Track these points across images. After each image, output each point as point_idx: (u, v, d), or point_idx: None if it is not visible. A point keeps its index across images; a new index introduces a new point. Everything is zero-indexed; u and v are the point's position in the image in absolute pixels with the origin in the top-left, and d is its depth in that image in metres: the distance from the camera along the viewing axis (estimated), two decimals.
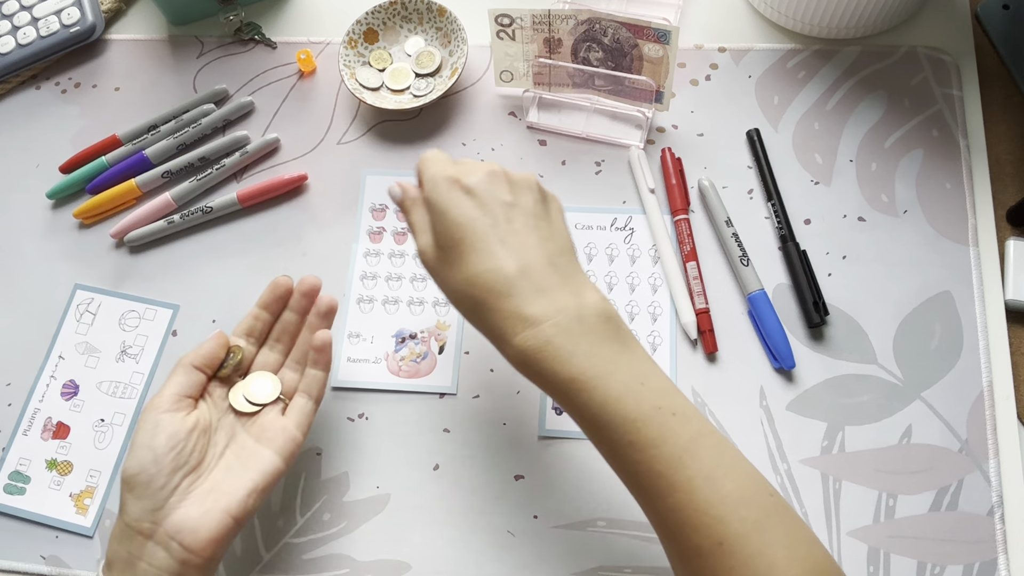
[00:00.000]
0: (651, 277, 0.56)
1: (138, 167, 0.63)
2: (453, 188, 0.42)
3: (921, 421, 0.51)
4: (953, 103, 0.59)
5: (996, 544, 0.48)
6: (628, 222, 0.57)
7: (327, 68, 0.65)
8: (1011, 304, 0.53)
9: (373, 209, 0.60)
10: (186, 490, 0.44)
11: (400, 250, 0.58)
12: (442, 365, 0.55)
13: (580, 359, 0.38)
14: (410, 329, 0.56)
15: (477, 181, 0.42)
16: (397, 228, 0.59)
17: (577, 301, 0.40)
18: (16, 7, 0.69)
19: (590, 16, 0.55)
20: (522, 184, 0.43)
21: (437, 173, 0.43)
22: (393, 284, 0.58)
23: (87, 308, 0.59)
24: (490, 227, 0.40)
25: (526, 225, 0.41)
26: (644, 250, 0.57)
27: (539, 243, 0.41)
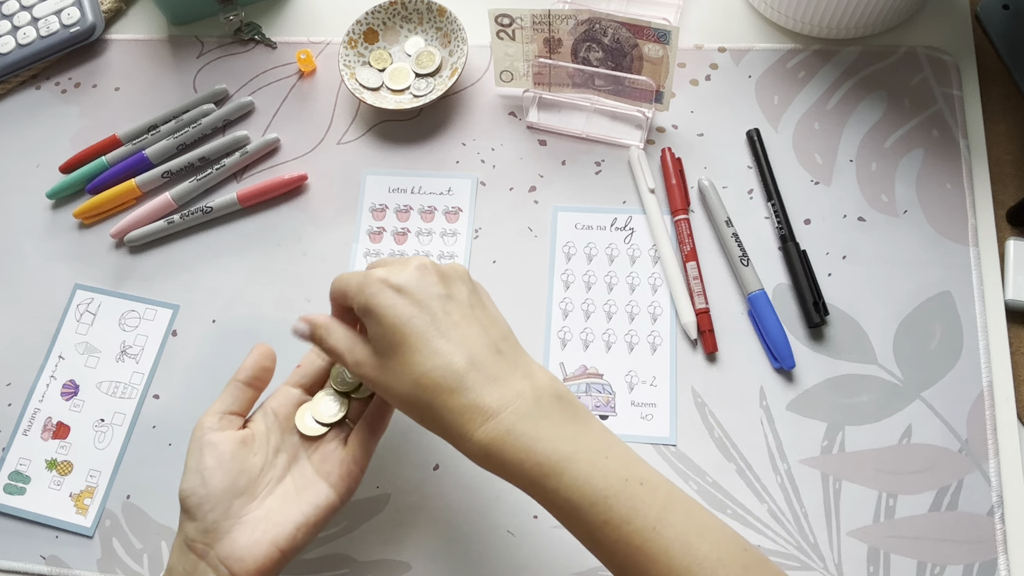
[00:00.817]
0: (651, 277, 0.56)
1: (138, 167, 0.63)
2: (384, 290, 0.40)
3: (921, 421, 0.51)
4: (953, 103, 0.59)
5: (996, 544, 0.48)
6: (628, 222, 0.58)
7: (327, 68, 0.65)
8: (1011, 304, 0.53)
9: (373, 209, 0.60)
10: (239, 514, 0.42)
11: (400, 250, 0.58)
12: None
13: (544, 443, 0.38)
14: None
15: (407, 278, 0.41)
16: (397, 228, 0.59)
17: (531, 384, 0.39)
18: (16, 7, 0.69)
19: (590, 16, 0.55)
20: (452, 275, 0.42)
21: (365, 278, 0.41)
22: None
23: (87, 308, 0.59)
24: (429, 323, 0.40)
25: (465, 316, 0.41)
26: (644, 250, 0.57)
27: (481, 332, 0.40)
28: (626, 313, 0.55)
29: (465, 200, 0.59)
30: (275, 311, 0.58)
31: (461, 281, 0.42)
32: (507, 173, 0.60)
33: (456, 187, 0.60)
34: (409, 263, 0.42)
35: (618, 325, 0.55)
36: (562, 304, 0.56)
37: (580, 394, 0.53)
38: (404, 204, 0.60)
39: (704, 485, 0.51)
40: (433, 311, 0.40)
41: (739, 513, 0.50)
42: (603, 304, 0.56)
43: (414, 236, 0.59)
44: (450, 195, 0.60)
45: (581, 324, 0.55)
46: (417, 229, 0.59)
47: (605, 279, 0.56)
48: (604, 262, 0.57)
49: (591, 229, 0.58)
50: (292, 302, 0.58)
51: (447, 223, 0.59)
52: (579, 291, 0.56)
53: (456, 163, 0.61)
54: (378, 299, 0.40)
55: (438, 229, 0.59)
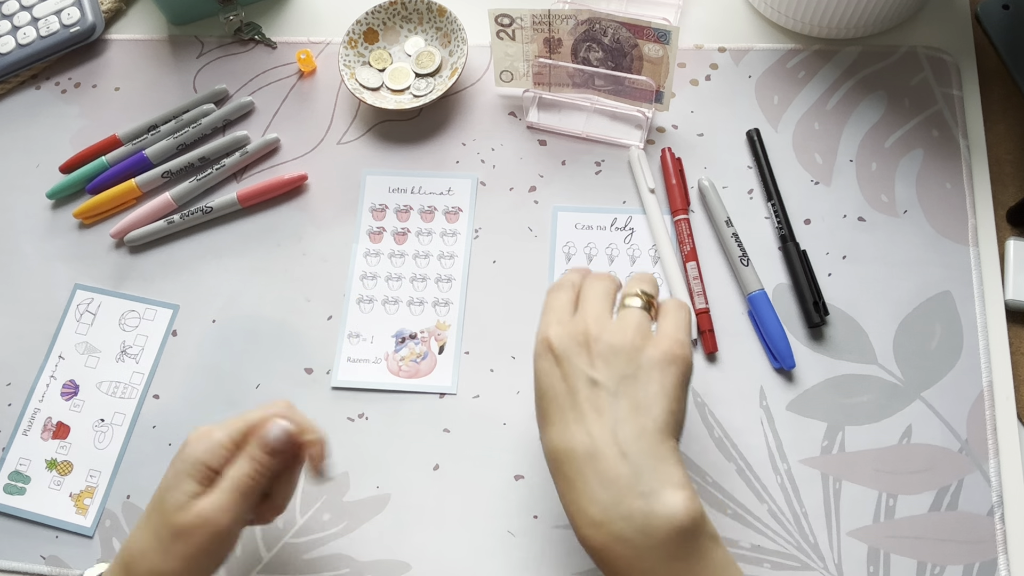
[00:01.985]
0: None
1: (138, 167, 0.63)
2: (546, 353, 0.41)
3: (921, 421, 0.51)
4: (953, 103, 0.59)
5: (996, 544, 0.48)
6: (628, 222, 0.58)
7: (327, 68, 0.65)
8: (1011, 304, 0.53)
9: (373, 209, 0.60)
10: None
11: (400, 250, 0.58)
12: (442, 365, 0.55)
13: (639, 573, 0.36)
14: (410, 329, 0.56)
15: (566, 348, 0.40)
16: (397, 228, 0.59)
17: (646, 508, 0.36)
18: (16, 7, 0.69)
19: (590, 16, 0.56)
20: (617, 352, 0.40)
21: (539, 331, 0.42)
22: (393, 284, 0.58)
23: (87, 308, 0.59)
24: (569, 403, 0.39)
25: (604, 405, 0.39)
26: (644, 250, 0.57)
27: (614, 426, 0.38)
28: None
29: (465, 200, 0.59)
30: (275, 311, 0.58)
31: (620, 357, 0.40)
32: (507, 173, 0.60)
33: (456, 187, 0.60)
34: (582, 325, 0.41)
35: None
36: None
37: None
38: (404, 204, 0.60)
39: (704, 485, 0.51)
40: (576, 391, 0.39)
41: (739, 513, 0.50)
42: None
43: (414, 236, 0.59)
44: (450, 195, 0.60)
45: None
46: (417, 229, 0.59)
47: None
48: (604, 262, 0.57)
49: (591, 229, 0.58)
50: (292, 302, 0.58)
51: (447, 223, 0.59)
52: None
53: (456, 163, 0.61)
54: (538, 363, 0.41)
55: (438, 229, 0.59)
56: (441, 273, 0.57)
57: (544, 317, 0.43)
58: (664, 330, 0.41)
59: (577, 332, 0.41)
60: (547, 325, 0.42)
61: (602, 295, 0.43)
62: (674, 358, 0.40)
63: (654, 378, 0.39)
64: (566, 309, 0.43)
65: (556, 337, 0.41)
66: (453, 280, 0.57)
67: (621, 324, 0.41)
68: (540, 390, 0.41)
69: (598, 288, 0.43)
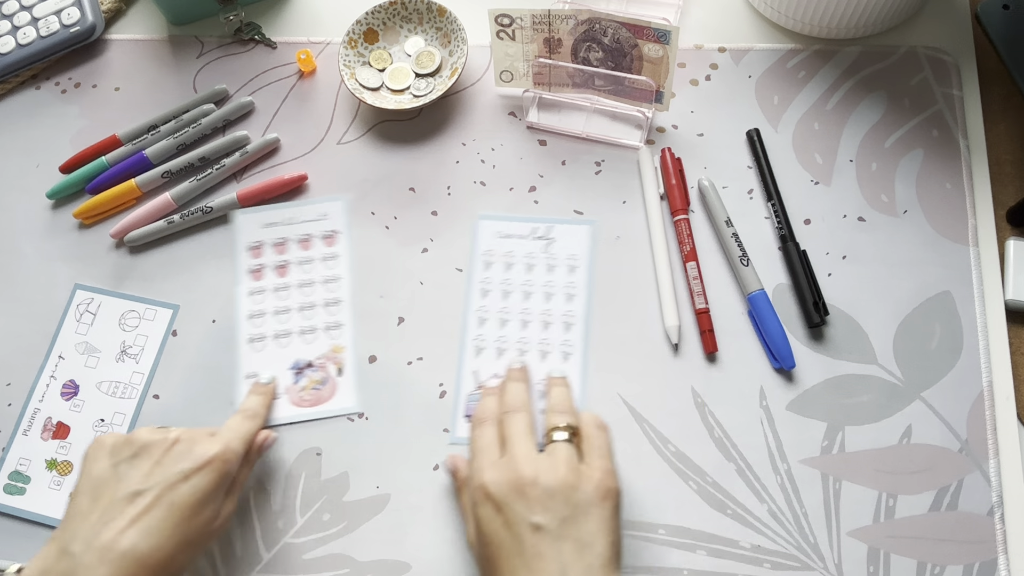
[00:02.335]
0: (567, 286, 0.56)
1: (138, 167, 0.63)
2: (486, 502, 0.42)
3: (921, 421, 0.51)
4: (953, 103, 0.59)
5: (996, 544, 0.48)
6: (548, 231, 0.58)
7: (327, 68, 0.65)
8: (1011, 304, 0.53)
9: (250, 247, 0.59)
10: None
11: (283, 283, 0.58)
12: (343, 387, 0.55)
13: None
14: (306, 358, 0.56)
15: (505, 497, 0.42)
16: (276, 261, 0.59)
17: None
18: (16, 7, 0.69)
19: (590, 16, 0.56)
20: (554, 496, 0.41)
21: (473, 476, 0.44)
22: (282, 317, 0.57)
23: (87, 308, 0.59)
24: (514, 548, 0.41)
25: (549, 549, 0.40)
26: (562, 260, 0.57)
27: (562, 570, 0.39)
28: (540, 322, 0.55)
29: (340, 222, 0.59)
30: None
31: (559, 502, 0.41)
32: (507, 173, 0.60)
33: (329, 211, 0.60)
34: (511, 474, 0.42)
35: (532, 334, 0.55)
36: (478, 312, 0.56)
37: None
38: (280, 237, 0.59)
39: (704, 485, 0.51)
40: (520, 538, 0.41)
41: (739, 513, 0.50)
42: (519, 313, 0.56)
43: (296, 266, 0.58)
44: (325, 219, 0.59)
45: (496, 332, 0.55)
46: (298, 259, 0.59)
47: (522, 287, 0.57)
48: (522, 271, 0.57)
49: (511, 238, 0.58)
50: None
51: (326, 247, 0.59)
52: (495, 300, 0.56)
53: (456, 163, 0.61)
54: (478, 510, 0.43)
55: (318, 255, 0.59)
56: (328, 297, 0.57)
57: (475, 461, 0.45)
58: (592, 463, 0.44)
59: (511, 478, 0.42)
60: (480, 470, 0.44)
61: (525, 431, 0.45)
62: (607, 492, 0.42)
63: (593, 515, 0.41)
64: (494, 449, 0.45)
65: (493, 484, 0.43)
66: (341, 302, 0.57)
67: (552, 463, 0.43)
68: (484, 538, 0.42)
69: (519, 425, 0.46)
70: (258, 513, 0.52)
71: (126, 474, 0.43)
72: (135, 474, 0.43)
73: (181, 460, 0.44)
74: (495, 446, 0.46)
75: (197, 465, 0.44)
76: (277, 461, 0.54)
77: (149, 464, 0.44)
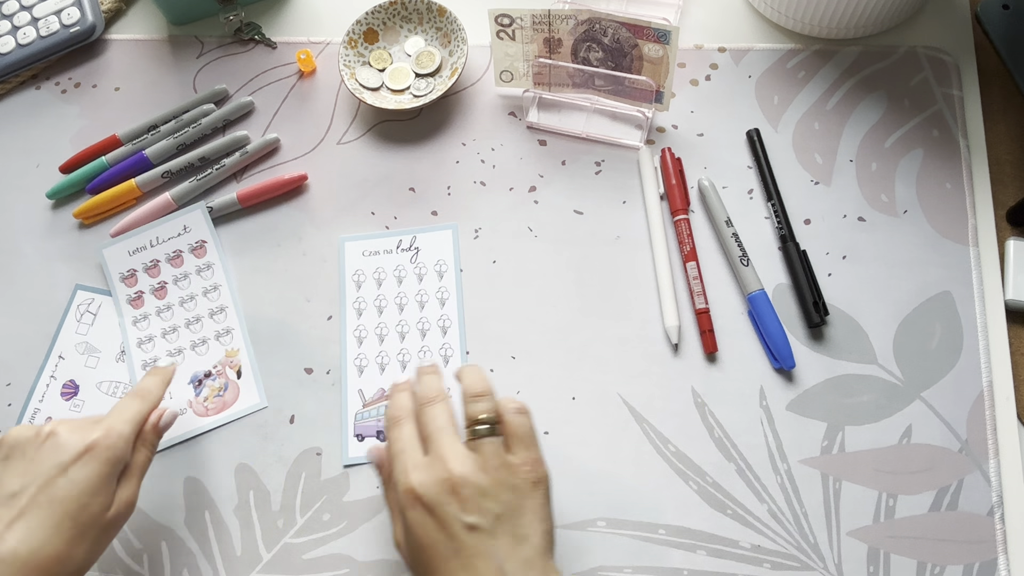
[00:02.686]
0: (438, 292, 0.57)
1: (138, 167, 0.63)
2: (415, 505, 0.41)
3: (921, 421, 0.51)
4: (953, 103, 0.59)
5: (996, 544, 0.48)
6: (412, 242, 0.58)
7: (327, 68, 0.65)
8: (1011, 304, 0.53)
9: (123, 278, 0.59)
10: None
11: (165, 303, 0.58)
12: (245, 387, 0.56)
13: None
14: (203, 369, 0.56)
15: (436, 498, 0.40)
16: (153, 285, 0.59)
17: None
18: (16, 7, 0.69)
19: (590, 16, 0.56)
20: (487, 492, 0.41)
21: (399, 479, 0.42)
22: (171, 337, 0.57)
23: (87, 308, 0.59)
24: (449, 549, 0.40)
25: (486, 545, 0.40)
26: (430, 267, 0.57)
27: (501, 564, 0.39)
28: (418, 330, 0.56)
29: (204, 231, 0.59)
30: (275, 311, 0.58)
31: (490, 500, 0.41)
32: (507, 173, 0.60)
33: (189, 222, 0.60)
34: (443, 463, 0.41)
35: (411, 344, 0.56)
36: (356, 332, 0.56)
37: (380, 417, 0.54)
38: (150, 260, 0.59)
39: (704, 485, 0.51)
40: (455, 537, 0.40)
41: (739, 513, 0.50)
42: (395, 325, 0.56)
43: (172, 284, 0.59)
44: (188, 232, 0.59)
45: (376, 348, 0.56)
46: (173, 276, 0.59)
47: (396, 300, 0.57)
48: (393, 284, 0.57)
49: (378, 254, 0.58)
50: (292, 302, 0.58)
51: (197, 259, 0.59)
52: (371, 317, 0.57)
53: (456, 163, 0.61)
54: (408, 513, 0.41)
55: (192, 268, 0.59)
56: (212, 307, 0.58)
57: (397, 462, 0.43)
58: (519, 454, 0.42)
59: (440, 478, 0.41)
60: (405, 472, 0.42)
61: (446, 425, 0.43)
62: (537, 480, 0.42)
63: (525, 507, 0.41)
64: (416, 448, 0.43)
65: (420, 486, 0.41)
66: (226, 308, 0.58)
67: (481, 459, 0.42)
68: (417, 542, 0.41)
69: (440, 419, 0.44)
70: (258, 513, 0.53)
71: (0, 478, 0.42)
72: (9, 476, 0.42)
73: (56, 453, 0.42)
74: (416, 445, 0.43)
75: (74, 455, 0.42)
76: (277, 461, 0.54)
77: (23, 463, 0.42)
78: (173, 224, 0.60)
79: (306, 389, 0.55)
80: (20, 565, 0.39)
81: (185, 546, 0.52)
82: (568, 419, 0.53)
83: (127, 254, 0.59)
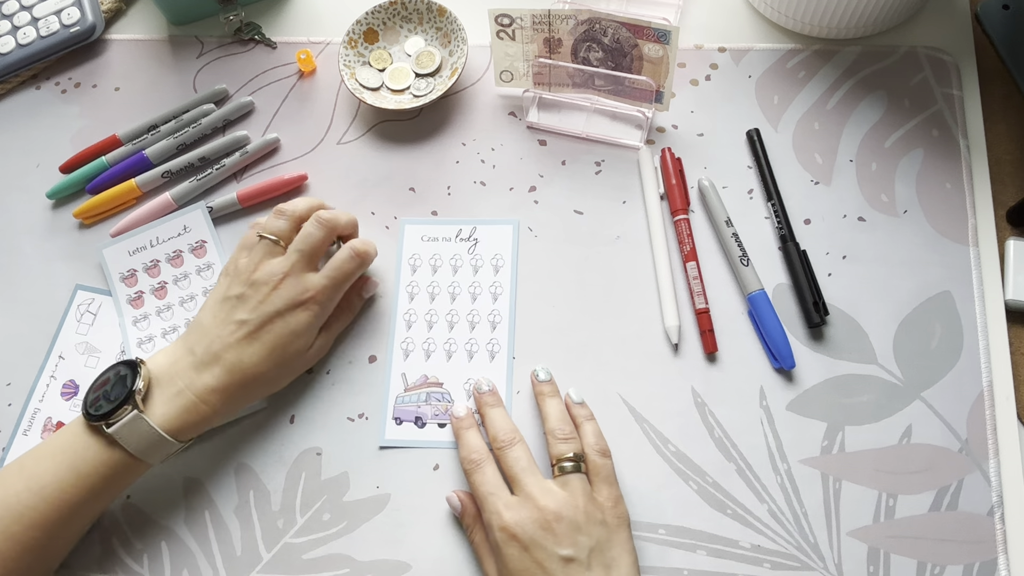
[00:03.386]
0: (492, 286, 0.57)
1: (138, 167, 0.63)
2: (511, 542, 0.44)
3: (921, 421, 0.51)
4: (953, 103, 0.59)
5: (996, 544, 0.48)
6: (472, 233, 0.58)
7: (327, 68, 0.65)
8: (1011, 304, 0.53)
9: (123, 278, 0.59)
10: None
11: (165, 303, 0.58)
12: None
13: None
14: None
15: (531, 534, 0.43)
16: (153, 285, 0.58)
17: None
18: (16, 7, 0.69)
19: (590, 16, 0.56)
20: (580, 527, 0.44)
21: (492, 520, 0.45)
22: (171, 337, 0.57)
23: (87, 308, 0.59)
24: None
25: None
26: (487, 260, 0.57)
27: None
28: (467, 322, 0.56)
29: (205, 231, 0.59)
30: None
31: (583, 534, 0.44)
32: (507, 173, 0.60)
33: (189, 222, 0.60)
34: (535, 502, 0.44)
35: (459, 334, 0.56)
36: (406, 315, 0.56)
37: (420, 403, 0.54)
38: (150, 260, 0.59)
39: (704, 485, 0.51)
40: (553, 573, 0.43)
41: (739, 513, 0.50)
42: (445, 314, 0.56)
43: (172, 284, 0.58)
44: (188, 232, 0.59)
45: (424, 334, 0.56)
46: (173, 277, 0.58)
47: (449, 289, 0.57)
48: (448, 272, 0.57)
49: (437, 240, 0.58)
50: None
51: (197, 259, 0.59)
52: (423, 302, 0.57)
53: (456, 163, 0.61)
54: (504, 551, 0.44)
55: (192, 268, 0.59)
56: None
57: (487, 504, 0.46)
58: (602, 492, 0.46)
59: (536, 516, 0.44)
60: (498, 513, 0.45)
61: (529, 466, 0.47)
62: (622, 518, 0.46)
63: (615, 541, 0.45)
64: (504, 488, 0.47)
65: (516, 524, 0.44)
66: None
67: (570, 496, 0.45)
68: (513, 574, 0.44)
69: (522, 460, 0.48)
70: (258, 513, 0.53)
71: (235, 307, 0.51)
72: (243, 308, 0.50)
73: (279, 300, 0.50)
74: (503, 485, 0.47)
75: (291, 305, 0.51)
76: (277, 461, 0.54)
77: (255, 302, 0.51)
78: (173, 224, 0.60)
79: (306, 389, 0.55)
80: (238, 370, 0.50)
81: (185, 546, 0.52)
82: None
83: (127, 254, 0.59)
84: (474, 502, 0.49)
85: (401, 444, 0.53)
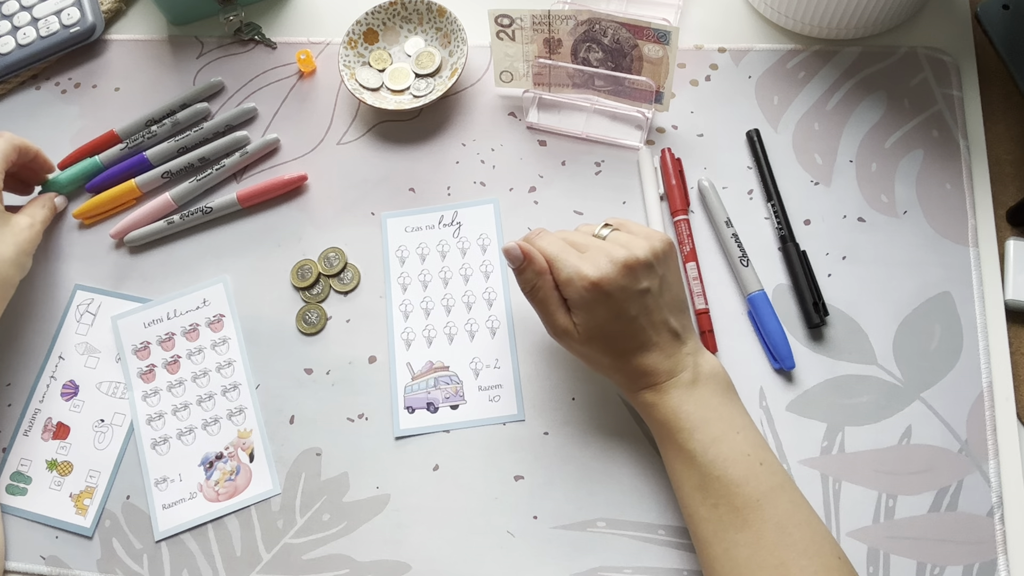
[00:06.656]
0: (482, 265, 0.57)
1: (138, 167, 0.63)
2: (593, 293, 0.45)
3: (921, 421, 0.51)
4: (953, 103, 0.59)
5: (996, 544, 0.48)
6: (455, 217, 0.59)
7: (327, 68, 0.65)
8: (1011, 304, 0.53)
9: (136, 351, 0.57)
10: None
11: (177, 379, 0.57)
12: (258, 472, 0.54)
13: (689, 407, 0.45)
14: (215, 450, 0.55)
15: (613, 283, 0.45)
16: (166, 359, 0.57)
17: (693, 362, 0.47)
18: (16, 7, 0.69)
19: (590, 16, 0.56)
20: (654, 263, 0.47)
21: (573, 276, 0.46)
22: (182, 415, 0.56)
23: (87, 308, 0.59)
24: (629, 323, 0.46)
25: (657, 305, 0.46)
26: (473, 241, 0.58)
27: (665, 320, 0.47)
28: (463, 304, 0.56)
29: (224, 305, 0.58)
30: (275, 311, 0.58)
31: (651, 268, 0.46)
32: (507, 173, 0.60)
33: (209, 296, 0.58)
34: (611, 258, 0.46)
35: (457, 317, 0.56)
36: (402, 306, 0.57)
37: (429, 389, 0.54)
38: (165, 333, 0.58)
39: None
40: (632, 312, 0.46)
41: None
42: (441, 299, 0.57)
43: (186, 359, 0.57)
44: (206, 306, 0.58)
45: (423, 322, 0.56)
46: (187, 351, 0.57)
47: (440, 275, 0.57)
48: (437, 259, 0.58)
49: (420, 230, 0.59)
50: (292, 302, 0.58)
51: (213, 333, 0.57)
52: (416, 291, 0.57)
53: (456, 163, 0.61)
54: (589, 304, 0.46)
55: (207, 343, 0.57)
56: (225, 384, 0.56)
57: (561, 259, 0.47)
58: (645, 232, 0.49)
59: (614, 264, 0.46)
60: (576, 267, 0.46)
61: (585, 232, 0.50)
62: (671, 246, 0.49)
63: (671, 267, 0.48)
64: (571, 249, 0.48)
65: (597, 272, 0.45)
66: (240, 386, 0.56)
67: (630, 240, 0.47)
68: (597, 328, 0.46)
69: (575, 232, 0.50)
70: (258, 513, 0.53)
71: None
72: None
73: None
74: (573, 251, 0.47)
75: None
76: (277, 461, 0.54)
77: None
78: (192, 297, 0.58)
79: (306, 389, 0.55)
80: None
81: (185, 546, 0.52)
82: (568, 420, 0.53)
83: (142, 326, 0.58)
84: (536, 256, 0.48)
85: (417, 432, 0.53)
